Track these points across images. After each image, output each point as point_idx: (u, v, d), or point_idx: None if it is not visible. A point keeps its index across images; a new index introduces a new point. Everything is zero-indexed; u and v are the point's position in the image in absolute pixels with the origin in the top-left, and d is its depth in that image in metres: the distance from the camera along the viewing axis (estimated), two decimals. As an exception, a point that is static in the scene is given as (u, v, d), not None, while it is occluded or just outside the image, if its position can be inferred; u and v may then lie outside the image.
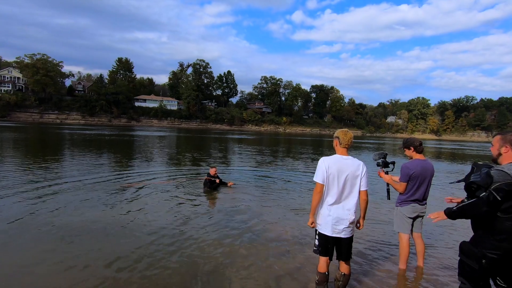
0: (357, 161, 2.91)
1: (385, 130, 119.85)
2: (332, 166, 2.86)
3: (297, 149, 24.92)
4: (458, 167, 16.79)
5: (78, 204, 5.95)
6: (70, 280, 3.19)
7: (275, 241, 4.57)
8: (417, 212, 3.64)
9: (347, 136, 2.94)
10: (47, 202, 6.01)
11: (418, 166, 3.52)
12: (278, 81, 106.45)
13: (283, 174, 11.08)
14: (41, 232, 4.45)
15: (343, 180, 2.84)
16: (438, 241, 4.89)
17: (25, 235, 4.32)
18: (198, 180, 8.96)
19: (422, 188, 3.58)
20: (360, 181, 2.87)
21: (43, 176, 8.52)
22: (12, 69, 75.20)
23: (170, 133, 44.16)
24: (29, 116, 69.37)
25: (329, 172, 2.84)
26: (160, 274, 3.43)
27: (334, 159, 2.90)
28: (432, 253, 4.34)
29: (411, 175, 3.52)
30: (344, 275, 3.05)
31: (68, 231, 4.53)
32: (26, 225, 4.70)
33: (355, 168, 2.87)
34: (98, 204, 6.00)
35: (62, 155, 13.97)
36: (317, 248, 2.99)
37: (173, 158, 15.04)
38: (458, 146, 49.10)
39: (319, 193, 2.87)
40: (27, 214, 5.22)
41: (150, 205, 6.12)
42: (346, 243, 2.94)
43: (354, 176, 2.87)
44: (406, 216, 3.65)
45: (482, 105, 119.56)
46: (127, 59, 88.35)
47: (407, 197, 3.62)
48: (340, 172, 2.85)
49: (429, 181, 3.62)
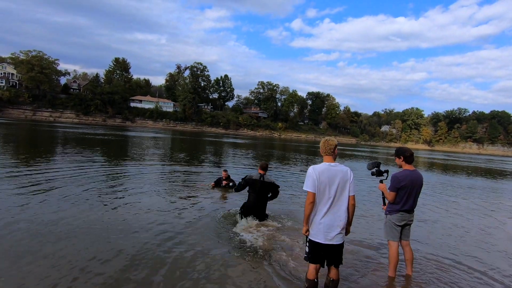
0: (344, 167, 2.97)
1: (379, 139, 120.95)
2: (322, 174, 2.89)
3: (293, 155, 24.98)
4: (450, 178, 17.00)
5: (70, 202, 5.87)
6: (69, 277, 3.14)
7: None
8: (405, 220, 3.74)
9: (325, 144, 3.01)
10: (38, 200, 5.91)
11: (407, 177, 3.62)
12: (274, 87, 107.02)
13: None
14: (35, 229, 4.37)
15: (335, 187, 2.88)
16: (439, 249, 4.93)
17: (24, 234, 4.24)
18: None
19: (411, 198, 3.68)
20: (349, 186, 2.92)
21: (33, 174, 8.38)
22: (6, 64, 74.26)
23: (165, 135, 43.92)
24: (22, 113, 68.36)
25: (320, 180, 2.87)
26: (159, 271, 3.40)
27: (323, 167, 2.94)
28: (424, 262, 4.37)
29: (401, 186, 3.62)
30: (332, 281, 3.07)
31: (64, 229, 4.46)
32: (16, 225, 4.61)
33: (343, 174, 2.92)
34: (93, 202, 5.92)
35: (49, 153, 13.78)
36: (308, 255, 3.01)
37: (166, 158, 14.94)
38: (450, 157, 49.79)
39: (312, 203, 2.89)
40: (18, 210, 5.13)
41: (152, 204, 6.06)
42: (338, 249, 2.97)
43: (343, 182, 2.91)
44: (395, 224, 3.74)
45: (474, 118, 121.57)
46: (124, 59, 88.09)
47: (395, 206, 3.72)
48: (331, 180, 2.88)
49: (418, 191, 3.71)
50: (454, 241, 5.59)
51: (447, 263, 4.43)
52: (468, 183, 15.49)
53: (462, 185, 14.09)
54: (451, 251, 4.97)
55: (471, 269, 4.29)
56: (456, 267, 4.33)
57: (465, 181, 16.34)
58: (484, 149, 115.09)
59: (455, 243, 5.43)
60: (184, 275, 3.49)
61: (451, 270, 4.21)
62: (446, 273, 4.10)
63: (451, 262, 4.49)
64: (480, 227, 6.79)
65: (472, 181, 16.65)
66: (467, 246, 5.37)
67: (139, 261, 3.73)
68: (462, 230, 6.42)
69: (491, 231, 6.53)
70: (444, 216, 7.53)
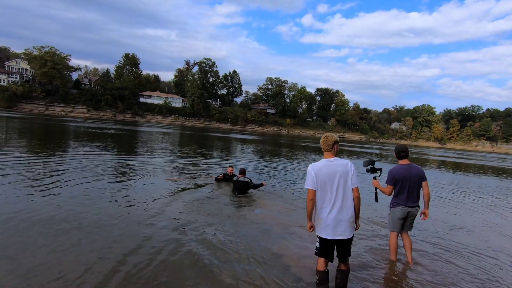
0: (344, 161, 2.99)
1: (388, 136, 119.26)
2: (321, 170, 2.92)
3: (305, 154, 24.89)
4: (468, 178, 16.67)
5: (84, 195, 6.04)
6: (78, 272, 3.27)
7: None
8: (407, 213, 4.02)
9: (324, 140, 3.05)
10: (52, 193, 6.10)
11: (401, 170, 3.98)
12: (283, 83, 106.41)
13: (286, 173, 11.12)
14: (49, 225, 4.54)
15: (336, 182, 2.90)
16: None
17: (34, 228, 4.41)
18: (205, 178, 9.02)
19: (409, 190, 3.95)
20: (351, 179, 2.93)
21: (48, 168, 8.63)
22: (20, 60, 75.97)
23: (174, 130, 44.33)
24: (35, 108, 69.99)
25: (319, 177, 2.90)
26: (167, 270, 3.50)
27: (321, 164, 2.97)
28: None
29: (396, 178, 3.95)
30: (342, 271, 3.12)
31: (76, 223, 4.62)
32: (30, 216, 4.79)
33: (344, 168, 2.94)
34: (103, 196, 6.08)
35: (65, 146, 14.13)
36: (318, 251, 3.06)
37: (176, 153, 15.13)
38: (463, 156, 48.74)
39: (312, 200, 2.94)
40: (29, 205, 5.32)
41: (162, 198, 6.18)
42: (347, 243, 3.00)
43: (345, 175, 2.92)
44: (397, 217, 4.04)
45: (488, 115, 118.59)
46: (133, 55, 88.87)
47: (397, 200, 4.04)
48: (331, 175, 2.91)
49: (416, 183, 3.97)
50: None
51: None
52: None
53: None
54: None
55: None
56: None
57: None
58: (498, 147, 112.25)
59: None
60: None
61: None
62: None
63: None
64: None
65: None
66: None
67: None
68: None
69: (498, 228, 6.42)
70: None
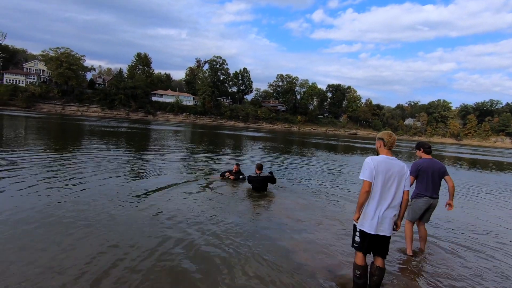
0: (401, 162, 3.00)
1: (402, 132, 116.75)
2: (380, 165, 2.92)
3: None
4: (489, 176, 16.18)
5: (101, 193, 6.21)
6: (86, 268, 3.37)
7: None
8: (429, 205, 4.28)
9: (391, 138, 3.07)
10: (71, 192, 6.29)
11: (424, 163, 4.30)
12: (294, 80, 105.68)
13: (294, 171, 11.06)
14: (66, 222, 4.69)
15: (391, 180, 2.91)
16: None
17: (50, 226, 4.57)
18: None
19: (432, 183, 4.23)
20: (404, 181, 2.96)
21: (64, 167, 8.90)
22: (37, 61, 78.38)
23: (185, 128, 44.77)
24: (52, 108, 72.19)
25: (378, 171, 2.90)
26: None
27: (381, 158, 2.98)
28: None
29: (419, 170, 4.25)
30: (379, 268, 3.09)
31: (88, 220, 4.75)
32: (46, 215, 4.96)
33: (400, 168, 2.95)
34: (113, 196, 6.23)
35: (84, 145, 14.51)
36: (358, 245, 3.06)
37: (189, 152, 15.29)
38: (479, 152, 47.20)
39: (367, 192, 2.92)
40: (46, 204, 5.50)
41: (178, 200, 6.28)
42: (386, 240, 3.01)
43: (400, 176, 2.94)
44: (420, 208, 4.30)
45: (507, 110, 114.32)
46: (145, 55, 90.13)
47: (420, 191, 4.30)
48: (388, 172, 2.92)
49: (437, 176, 4.24)
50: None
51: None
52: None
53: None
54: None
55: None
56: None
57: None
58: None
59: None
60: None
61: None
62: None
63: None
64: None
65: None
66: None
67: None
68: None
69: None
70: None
